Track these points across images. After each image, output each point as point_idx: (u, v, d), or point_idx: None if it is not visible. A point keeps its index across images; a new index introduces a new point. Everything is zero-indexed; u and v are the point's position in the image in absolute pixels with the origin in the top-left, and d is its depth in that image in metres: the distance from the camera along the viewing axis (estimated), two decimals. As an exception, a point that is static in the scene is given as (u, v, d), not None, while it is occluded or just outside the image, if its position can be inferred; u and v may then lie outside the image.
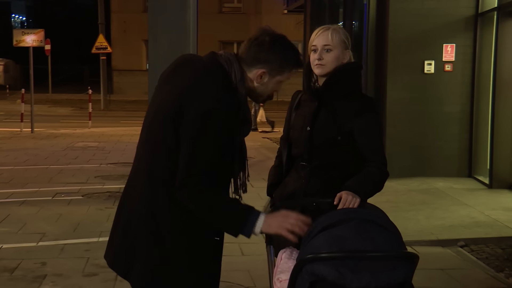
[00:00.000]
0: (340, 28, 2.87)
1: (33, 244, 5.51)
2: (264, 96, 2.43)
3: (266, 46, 2.32)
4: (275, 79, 2.37)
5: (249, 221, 2.23)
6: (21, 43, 15.21)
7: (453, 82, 8.76)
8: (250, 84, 2.36)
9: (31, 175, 8.97)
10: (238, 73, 2.32)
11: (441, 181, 8.37)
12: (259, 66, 2.34)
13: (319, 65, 2.81)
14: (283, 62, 2.36)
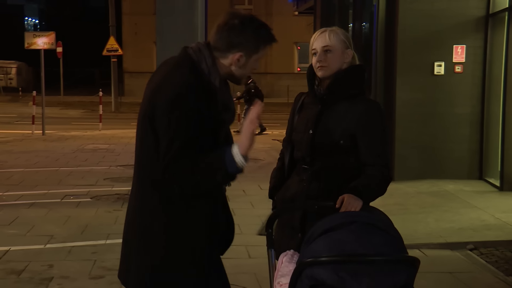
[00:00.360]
0: (338, 29, 2.85)
1: (41, 247, 5.53)
2: (244, 77, 2.46)
3: (237, 29, 2.34)
4: (252, 59, 2.40)
5: (227, 159, 2.21)
6: (32, 45, 15.31)
7: (464, 83, 8.69)
8: (227, 70, 2.39)
9: (41, 177, 9.01)
10: (208, 59, 2.35)
11: (451, 184, 8.30)
12: (234, 50, 2.35)
13: (321, 67, 2.79)
14: (257, 41, 2.38)
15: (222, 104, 2.33)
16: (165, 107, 2.25)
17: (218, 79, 2.35)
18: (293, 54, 31.95)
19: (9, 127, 16.77)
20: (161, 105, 2.26)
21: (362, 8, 10.45)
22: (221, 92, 2.36)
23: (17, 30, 39.72)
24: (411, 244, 5.62)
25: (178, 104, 2.24)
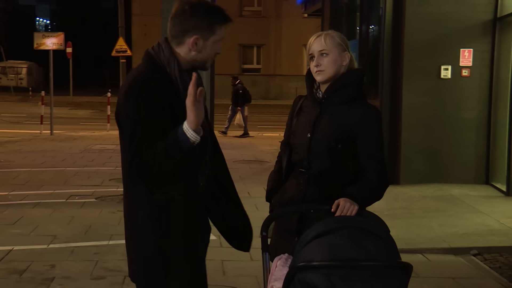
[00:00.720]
0: (334, 32, 2.85)
1: (44, 247, 5.55)
2: (208, 61, 2.51)
3: (188, 14, 2.43)
4: (210, 41, 2.46)
5: (180, 137, 2.29)
6: (41, 46, 15.39)
7: (470, 87, 8.65)
8: (188, 57, 2.46)
9: (47, 177, 9.06)
10: (166, 50, 2.44)
11: (457, 188, 8.26)
12: (190, 34, 2.43)
13: (319, 71, 2.79)
14: (210, 22, 2.45)
15: (185, 91, 2.38)
16: (122, 101, 2.38)
17: (177, 68, 2.43)
18: (302, 56, 31.91)
19: (18, 127, 16.86)
20: (119, 101, 2.40)
21: (370, 10, 10.42)
22: (183, 80, 2.43)
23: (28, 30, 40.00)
24: (414, 249, 5.61)
25: (131, 96, 2.35)
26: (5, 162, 10.43)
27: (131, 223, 2.47)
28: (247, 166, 10.59)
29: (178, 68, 2.43)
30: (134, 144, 2.33)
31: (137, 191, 2.42)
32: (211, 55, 2.49)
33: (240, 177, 9.36)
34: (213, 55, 2.50)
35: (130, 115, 2.35)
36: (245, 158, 11.59)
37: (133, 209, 2.45)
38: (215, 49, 2.50)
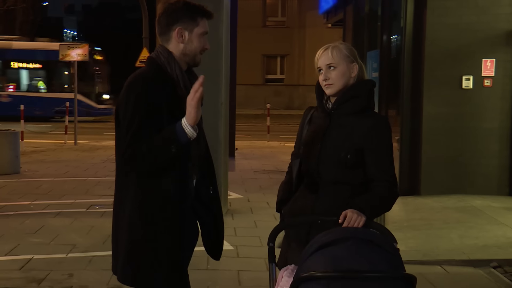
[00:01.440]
0: (341, 44, 2.85)
1: (63, 256, 5.62)
2: (197, 53, 2.65)
3: (170, 10, 2.61)
4: (194, 33, 2.62)
5: (178, 131, 2.44)
6: (66, 57, 15.64)
7: (493, 97, 8.55)
8: (178, 52, 2.60)
9: (69, 187, 9.17)
10: (164, 52, 2.61)
11: (479, 199, 8.15)
12: (173, 27, 2.60)
13: (327, 85, 2.81)
14: (191, 14, 2.61)
15: (185, 88, 2.55)
16: (123, 94, 2.55)
17: (178, 67, 2.58)
18: (326, 66, 31.91)
19: (44, 137, 17.13)
20: (120, 95, 2.57)
21: (391, 20, 10.39)
22: (184, 78, 2.58)
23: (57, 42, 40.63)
24: (432, 260, 5.55)
25: (132, 89, 2.51)
26: (29, 172, 10.61)
27: (119, 213, 2.62)
28: (267, 176, 10.59)
29: (178, 67, 2.59)
30: (130, 134, 2.46)
31: (128, 182, 2.55)
32: (198, 48, 2.64)
33: (260, 187, 9.37)
34: (201, 48, 2.64)
35: (129, 107, 2.49)
36: (265, 168, 11.60)
37: (122, 200, 2.59)
38: (202, 42, 2.64)
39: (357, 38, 12.54)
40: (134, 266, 2.60)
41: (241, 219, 6.99)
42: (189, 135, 2.45)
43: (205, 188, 2.76)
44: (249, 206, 7.90)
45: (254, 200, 8.32)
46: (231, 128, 12.00)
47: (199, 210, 2.75)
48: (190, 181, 2.64)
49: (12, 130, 10.82)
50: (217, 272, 5.10)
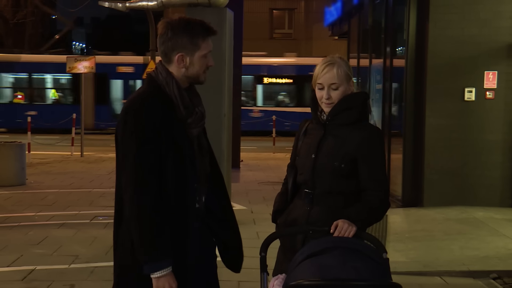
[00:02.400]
0: (342, 61, 2.90)
1: (65, 266, 5.68)
2: (200, 73, 2.59)
3: (169, 35, 2.53)
4: (196, 56, 2.56)
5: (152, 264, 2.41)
6: (73, 69, 15.79)
7: (495, 109, 8.57)
8: (180, 74, 2.56)
9: (73, 198, 9.25)
10: (163, 72, 2.56)
11: (482, 211, 8.15)
12: (174, 53, 2.54)
13: (328, 103, 2.86)
14: (191, 38, 2.53)
15: (185, 109, 2.51)
16: (121, 117, 2.50)
17: (176, 86, 2.53)
18: (332, 78, 32.00)
19: (51, 149, 17.24)
20: (119, 118, 2.53)
21: (394, 33, 10.45)
22: (183, 97, 2.53)
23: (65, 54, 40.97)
24: (432, 271, 5.57)
25: (130, 112, 2.47)
26: (35, 183, 10.70)
27: (116, 230, 2.60)
28: (271, 187, 10.63)
29: (177, 87, 2.53)
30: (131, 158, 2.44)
31: (124, 198, 2.51)
32: (201, 69, 2.59)
33: (264, 198, 9.41)
34: (204, 68, 2.60)
35: (128, 130, 2.46)
36: (270, 179, 11.64)
37: (120, 217, 2.56)
38: (205, 62, 2.59)
39: (361, 50, 12.61)
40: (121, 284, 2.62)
41: (244, 230, 6.95)
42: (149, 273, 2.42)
43: (216, 204, 2.71)
44: (252, 217, 7.94)
45: (257, 211, 8.36)
46: (236, 140, 12.06)
47: (214, 227, 2.70)
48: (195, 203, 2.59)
49: (18, 142, 10.91)
50: (217, 282, 5.13)
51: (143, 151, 2.42)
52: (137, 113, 2.46)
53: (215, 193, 2.73)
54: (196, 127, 2.56)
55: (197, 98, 2.63)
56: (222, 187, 2.77)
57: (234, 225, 2.78)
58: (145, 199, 2.41)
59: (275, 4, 32.46)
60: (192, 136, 2.55)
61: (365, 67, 11.85)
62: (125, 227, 2.52)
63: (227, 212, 2.76)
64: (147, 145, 2.43)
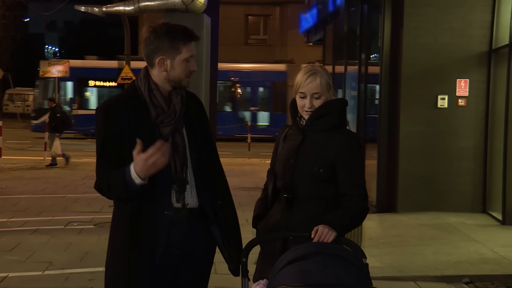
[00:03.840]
0: (323, 71, 2.93)
1: (39, 273, 5.60)
2: (182, 78, 2.65)
3: (151, 39, 2.62)
4: (177, 60, 2.62)
5: (127, 179, 2.48)
6: (47, 74, 15.67)
7: (467, 117, 8.73)
8: (162, 77, 2.63)
9: (47, 204, 9.14)
10: (142, 74, 2.67)
11: (454, 216, 8.28)
12: (155, 56, 2.62)
13: (309, 112, 2.89)
14: (171, 42, 2.60)
15: (155, 109, 2.61)
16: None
17: (146, 89, 2.63)
18: (307, 84, 32.17)
19: (23, 154, 16.99)
20: None
21: (369, 40, 10.58)
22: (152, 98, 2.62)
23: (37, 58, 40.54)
24: (407, 276, 5.64)
25: (96, 119, 2.63)
26: (6, 189, 10.54)
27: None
28: (247, 193, 10.64)
29: (148, 88, 2.62)
30: (96, 161, 2.61)
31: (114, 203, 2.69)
32: (183, 73, 2.64)
33: (240, 204, 9.37)
34: (186, 72, 2.65)
35: (96, 134, 2.64)
36: (245, 185, 11.65)
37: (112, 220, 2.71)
38: (188, 66, 2.64)
39: (336, 57, 12.72)
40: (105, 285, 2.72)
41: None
42: (135, 181, 2.47)
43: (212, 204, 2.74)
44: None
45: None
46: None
47: (210, 228, 2.74)
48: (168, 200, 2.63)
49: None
50: (194, 288, 5.12)
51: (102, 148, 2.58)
52: (99, 121, 2.61)
53: (213, 193, 2.77)
54: (168, 125, 2.62)
55: (178, 98, 2.67)
56: (222, 187, 2.85)
57: (233, 227, 2.81)
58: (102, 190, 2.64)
59: (250, 10, 32.55)
60: (166, 134, 2.61)
61: (340, 74, 11.97)
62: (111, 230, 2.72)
63: (225, 213, 2.79)
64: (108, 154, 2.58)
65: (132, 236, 2.57)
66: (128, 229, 2.58)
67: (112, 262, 2.65)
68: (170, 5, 7.67)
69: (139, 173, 2.44)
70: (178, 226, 2.63)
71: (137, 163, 2.44)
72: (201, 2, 7.85)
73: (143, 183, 2.46)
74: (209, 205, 2.74)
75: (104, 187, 2.58)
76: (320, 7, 14.20)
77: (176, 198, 2.63)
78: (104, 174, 2.56)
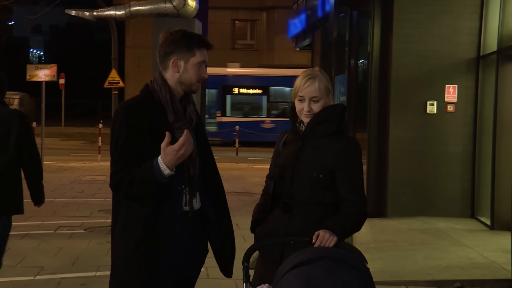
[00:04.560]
0: (322, 75, 2.96)
1: (31, 278, 5.57)
2: (193, 82, 2.75)
3: (169, 40, 2.71)
4: (191, 62, 2.71)
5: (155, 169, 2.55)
6: (34, 77, 15.48)
7: (456, 122, 8.81)
8: (174, 80, 2.71)
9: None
10: (159, 79, 2.74)
11: (443, 221, 8.35)
12: (170, 57, 2.72)
13: (308, 115, 2.91)
14: (187, 44, 2.70)
15: (174, 114, 2.68)
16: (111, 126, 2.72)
17: (168, 93, 2.69)
18: (294, 89, 32.26)
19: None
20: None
21: (358, 46, 10.65)
22: (173, 103, 2.69)
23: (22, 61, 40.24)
24: (399, 281, 5.67)
25: (114, 120, 2.69)
26: (-6, 193, 10.42)
27: (112, 232, 2.73)
28: (236, 198, 10.64)
29: (169, 93, 2.69)
30: (113, 161, 2.62)
31: (120, 201, 2.68)
32: (195, 77, 2.73)
33: (229, 208, 9.41)
34: (198, 77, 2.73)
35: (112, 138, 2.66)
36: (234, 190, 11.64)
37: (115, 219, 2.71)
38: (199, 72, 2.73)
39: (325, 62, 12.80)
40: (112, 284, 2.73)
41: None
42: (165, 174, 2.55)
43: (212, 209, 2.85)
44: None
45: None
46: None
47: (208, 230, 2.86)
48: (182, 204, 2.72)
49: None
50: (187, 293, 5.11)
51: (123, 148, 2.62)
52: (120, 121, 2.66)
53: (212, 198, 2.88)
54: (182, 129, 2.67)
55: (191, 106, 2.78)
56: (221, 194, 2.92)
57: (229, 231, 2.92)
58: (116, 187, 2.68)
59: (237, 15, 32.61)
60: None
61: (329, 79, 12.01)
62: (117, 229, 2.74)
63: (223, 218, 2.90)
64: (128, 155, 2.61)
65: (149, 235, 2.63)
66: (145, 228, 2.62)
67: (126, 261, 2.66)
68: (162, 10, 7.68)
69: (168, 164, 2.52)
70: (185, 227, 2.74)
71: (167, 154, 2.51)
72: (192, 7, 7.87)
73: (171, 174, 2.55)
74: (209, 208, 2.87)
75: (124, 185, 2.60)
76: (309, 13, 14.28)
77: (185, 202, 2.73)
78: (124, 172, 2.59)
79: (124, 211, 2.68)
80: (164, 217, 2.66)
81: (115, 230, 2.74)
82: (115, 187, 2.66)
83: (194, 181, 2.76)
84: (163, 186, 2.57)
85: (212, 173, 2.91)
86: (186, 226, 2.75)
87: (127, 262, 2.66)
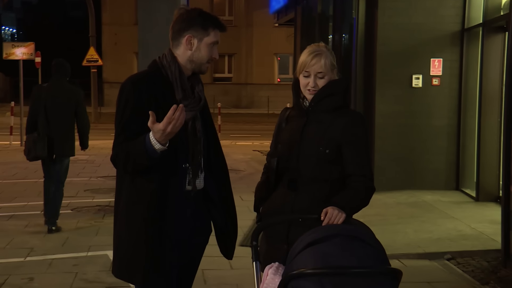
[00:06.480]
0: (328, 51, 2.92)
1: (21, 259, 5.50)
2: (204, 62, 2.71)
3: (185, 16, 2.68)
4: (204, 42, 2.69)
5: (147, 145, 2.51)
6: (11, 56, 15.21)
7: (441, 96, 8.85)
8: (185, 57, 2.68)
9: (19, 189, 8.94)
10: (169, 56, 2.69)
11: (429, 194, 8.43)
12: (184, 34, 2.68)
13: (313, 91, 2.87)
14: (203, 23, 2.68)
15: (182, 92, 2.66)
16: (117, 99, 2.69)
17: (177, 70, 2.66)
18: (273, 65, 32.11)
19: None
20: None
21: (342, 20, 10.60)
22: (183, 81, 2.66)
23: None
24: (391, 255, 5.68)
25: (120, 94, 2.65)
26: (-24, 174, 10.28)
27: (116, 208, 2.70)
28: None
29: (178, 70, 2.66)
30: (116, 135, 2.60)
31: (123, 177, 2.67)
32: (206, 56, 2.70)
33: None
34: (209, 57, 2.71)
35: (118, 110, 2.64)
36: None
37: (119, 195, 2.68)
38: (211, 52, 2.70)
39: (308, 38, 12.71)
40: (117, 260, 2.71)
41: (200, 218, 6.99)
42: (156, 149, 2.51)
43: (215, 189, 2.83)
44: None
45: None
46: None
47: (212, 210, 2.84)
48: (185, 183, 2.69)
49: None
50: (181, 271, 5.09)
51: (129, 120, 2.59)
52: (126, 96, 2.62)
53: (216, 180, 2.84)
54: (191, 110, 2.67)
55: (200, 85, 2.75)
56: (225, 175, 2.88)
57: (232, 212, 2.89)
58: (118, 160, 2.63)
59: (215, -10, 32.27)
60: (187, 118, 2.63)
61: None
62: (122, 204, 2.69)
63: (226, 199, 2.87)
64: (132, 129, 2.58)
65: (156, 211, 2.61)
66: (151, 204, 2.60)
67: (133, 237, 2.63)
68: (145, -15, 7.51)
69: (159, 140, 2.49)
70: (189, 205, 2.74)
71: (155, 132, 2.48)
72: (175, -18, 7.71)
73: (163, 149, 2.51)
74: (212, 189, 2.84)
75: (120, 158, 2.59)
76: (290, -13, 14.15)
77: (189, 181, 2.70)
78: (123, 145, 2.58)
79: (128, 187, 2.65)
80: (170, 194, 2.64)
81: (118, 206, 2.71)
82: (114, 160, 2.63)
83: (198, 160, 2.73)
84: (157, 161, 2.53)
85: (217, 155, 2.87)
86: (191, 205, 2.74)
87: (134, 238, 2.62)
